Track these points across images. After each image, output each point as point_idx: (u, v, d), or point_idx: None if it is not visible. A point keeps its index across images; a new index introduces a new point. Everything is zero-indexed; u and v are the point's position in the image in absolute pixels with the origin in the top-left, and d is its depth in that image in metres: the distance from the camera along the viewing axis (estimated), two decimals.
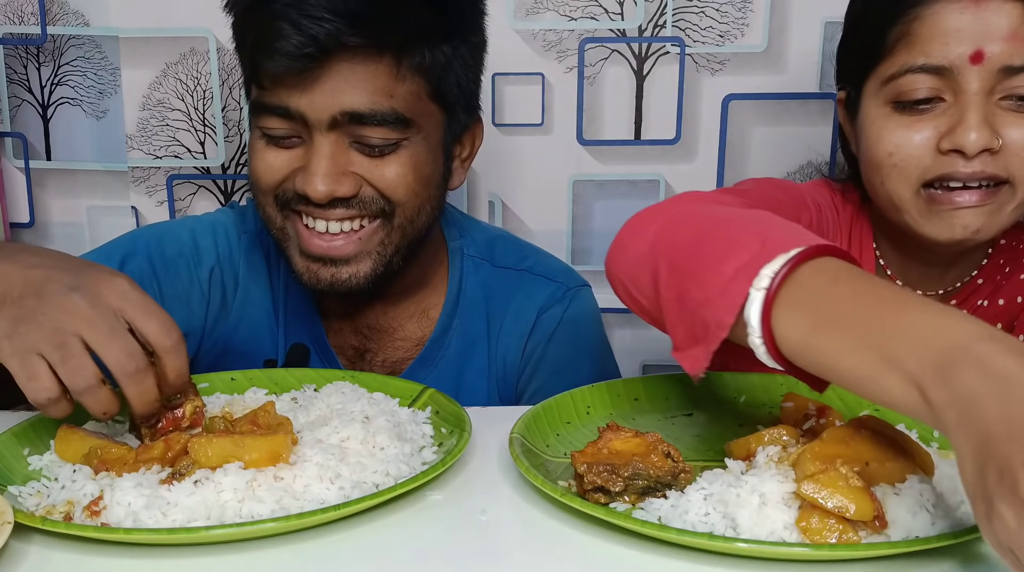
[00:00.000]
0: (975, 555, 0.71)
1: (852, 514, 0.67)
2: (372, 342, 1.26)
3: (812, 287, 0.69)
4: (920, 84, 0.97)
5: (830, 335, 0.67)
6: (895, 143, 0.99)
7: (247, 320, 1.25)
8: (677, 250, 0.79)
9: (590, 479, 0.76)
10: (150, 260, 1.20)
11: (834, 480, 0.69)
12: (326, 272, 1.12)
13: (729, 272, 0.71)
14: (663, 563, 0.70)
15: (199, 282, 1.23)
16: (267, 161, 1.10)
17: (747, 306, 0.70)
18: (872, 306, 0.67)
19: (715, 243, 0.75)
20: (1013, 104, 0.96)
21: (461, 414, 0.91)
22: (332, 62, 1.03)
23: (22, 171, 1.67)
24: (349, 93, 1.04)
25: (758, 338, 0.70)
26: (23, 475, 0.84)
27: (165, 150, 1.64)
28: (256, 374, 1.05)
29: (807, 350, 0.68)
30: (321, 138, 1.06)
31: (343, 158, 1.08)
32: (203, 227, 1.26)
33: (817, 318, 0.68)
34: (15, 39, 1.61)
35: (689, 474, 0.78)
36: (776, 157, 1.61)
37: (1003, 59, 0.94)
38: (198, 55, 1.60)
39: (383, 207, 1.10)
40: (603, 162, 1.63)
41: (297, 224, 1.12)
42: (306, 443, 0.82)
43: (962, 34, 0.94)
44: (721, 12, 1.56)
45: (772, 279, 0.69)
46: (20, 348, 0.79)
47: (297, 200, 1.10)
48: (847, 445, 0.73)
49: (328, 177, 1.06)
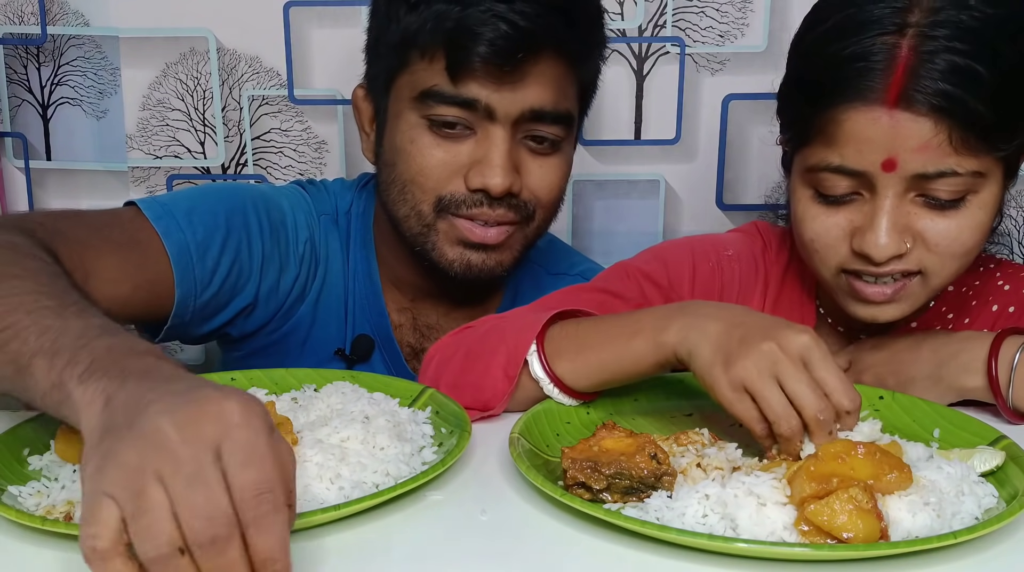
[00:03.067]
0: (975, 555, 0.71)
1: (860, 539, 0.67)
2: (428, 341, 1.27)
3: (562, 335, 0.96)
4: (837, 182, 0.98)
5: (591, 348, 0.93)
6: (815, 231, 1.02)
7: (322, 305, 1.26)
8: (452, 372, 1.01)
9: (572, 475, 0.77)
10: (258, 218, 1.17)
11: (844, 504, 0.68)
12: (478, 257, 1.15)
13: (497, 370, 0.96)
14: (663, 563, 0.70)
15: (295, 255, 1.22)
16: (437, 157, 1.11)
17: (531, 369, 0.95)
18: (610, 322, 0.95)
19: (479, 356, 0.98)
20: (928, 202, 0.97)
21: (461, 414, 0.91)
22: (534, 59, 1.05)
23: (22, 171, 1.67)
24: (539, 91, 1.08)
25: (550, 385, 0.95)
26: (23, 475, 0.84)
27: (165, 150, 1.64)
28: (256, 374, 1.05)
29: (579, 369, 0.94)
30: (502, 132, 1.09)
31: (516, 153, 1.11)
32: (293, 200, 1.23)
33: (575, 349, 0.94)
34: (15, 39, 1.61)
35: (673, 477, 0.78)
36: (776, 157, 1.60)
37: (916, 168, 0.94)
38: (198, 55, 1.60)
39: (530, 212, 1.15)
40: (603, 162, 1.63)
41: (455, 219, 1.14)
42: (306, 443, 0.82)
43: (874, 143, 0.94)
44: (721, 12, 1.56)
45: (536, 344, 0.95)
46: (95, 487, 0.59)
47: (468, 203, 1.11)
48: (843, 462, 0.72)
49: (508, 171, 1.09)
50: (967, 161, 0.93)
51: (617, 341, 0.92)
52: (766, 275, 1.18)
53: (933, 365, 1.00)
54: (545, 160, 1.14)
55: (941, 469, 0.76)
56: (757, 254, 1.19)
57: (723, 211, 1.63)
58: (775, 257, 1.19)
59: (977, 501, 0.74)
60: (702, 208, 1.64)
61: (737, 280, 1.17)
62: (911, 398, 0.96)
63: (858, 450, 0.73)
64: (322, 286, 1.25)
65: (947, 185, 0.95)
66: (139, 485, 0.57)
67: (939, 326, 1.14)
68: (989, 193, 0.97)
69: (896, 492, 0.72)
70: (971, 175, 0.94)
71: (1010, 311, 1.12)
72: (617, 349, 0.92)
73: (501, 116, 1.08)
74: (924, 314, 1.14)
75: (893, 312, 1.03)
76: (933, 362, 1.00)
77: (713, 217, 1.63)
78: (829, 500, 0.68)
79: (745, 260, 1.18)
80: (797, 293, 1.17)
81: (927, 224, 0.97)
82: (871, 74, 0.93)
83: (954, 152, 0.93)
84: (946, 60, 0.90)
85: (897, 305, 1.02)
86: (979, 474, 0.79)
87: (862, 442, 0.75)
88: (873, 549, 0.67)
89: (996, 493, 0.77)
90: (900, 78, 0.91)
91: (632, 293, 1.12)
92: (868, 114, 0.94)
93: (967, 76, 0.90)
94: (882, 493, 0.72)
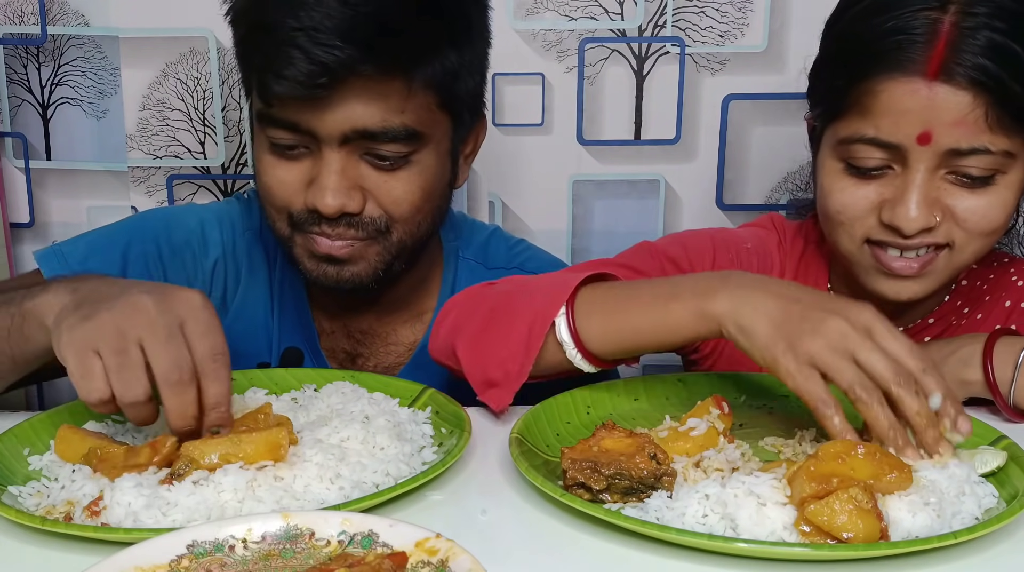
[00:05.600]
0: (975, 555, 0.71)
1: (861, 539, 0.67)
2: (364, 347, 1.26)
3: (593, 298, 0.93)
4: (870, 154, 0.99)
5: (624, 312, 0.91)
6: (843, 202, 1.02)
7: (244, 319, 1.25)
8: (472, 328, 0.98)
9: (572, 475, 0.77)
10: (157, 244, 1.19)
11: (844, 504, 0.68)
12: (332, 270, 1.12)
13: (523, 328, 0.93)
14: (663, 563, 0.70)
15: (203, 272, 1.22)
16: (278, 177, 1.09)
17: (557, 331, 0.92)
18: (645, 286, 0.94)
19: (504, 313, 0.96)
20: (958, 179, 0.97)
21: (461, 414, 0.91)
22: (342, 85, 1.02)
23: (22, 171, 1.66)
24: (360, 112, 1.04)
25: (573, 350, 0.92)
26: (23, 475, 0.84)
27: (165, 150, 1.64)
28: (256, 374, 1.05)
29: (610, 333, 0.92)
30: (332, 153, 1.06)
31: (353, 172, 1.07)
32: (211, 217, 1.25)
33: (607, 310, 0.92)
34: (15, 39, 1.61)
35: (673, 477, 0.78)
36: (776, 157, 1.61)
37: (950, 142, 0.95)
38: (198, 55, 1.60)
39: (380, 228, 1.10)
40: (603, 162, 1.63)
41: (307, 234, 1.11)
42: (306, 443, 0.82)
43: (911, 115, 0.95)
44: (721, 12, 1.56)
45: (566, 306, 0.92)
46: (80, 344, 0.79)
47: (310, 221, 1.09)
48: (843, 462, 0.72)
49: (339, 192, 1.06)
50: (1000, 139, 0.94)
51: (653, 306, 0.89)
52: (781, 266, 1.18)
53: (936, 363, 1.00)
54: (391, 175, 1.08)
55: (941, 469, 0.76)
56: (773, 248, 1.19)
57: (723, 211, 1.63)
58: (789, 249, 1.20)
59: (977, 501, 0.74)
60: (702, 208, 1.64)
61: (755, 272, 1.16)
62: None
63: (858, 450, 0.73)
64: (244, 300, 1.25)
65: (979, 162, 0.95)
66: (120, 345, 0.78)
67: (954, 319, 1.14)
68: (1016, 175, 0.98)
69: (896, 492, 0.72)
70: (1002, 155, 0.95)
71: (1022, 307, 1.12)
72: (653, 315, 0.89)
73: (325, 138, 1.05)
74: (940, 308, 1.14)
75: (916, 288, 1.02)
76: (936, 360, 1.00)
77: (713, 217, 1.63)
78: (829, 500, 0.68)
79: (761, 254, 1.18)
80: (811, 283, 1.17)
81: (956, 201, 0.98)
82: (912, 46, 0.94)
83: (988, 130, 0.94)
84: (986, 37, 0.92)
85: (921, 281, 1.02)
86: (980, 475, 0.79)
87: (862, 442, 0.75)
88: (873, 549, 0.67)
89: (996, 493, 0.77)
90: (941, 50, 0.92)
91: (653, 272, 1.11)
92: (907, 85, 0.94)
93: (1006, 54, 0.91)
94: (882, 493, 0.72)
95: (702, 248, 1.15)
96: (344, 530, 0.62)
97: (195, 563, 0.61)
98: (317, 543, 0.63)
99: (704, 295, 0.86)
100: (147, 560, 0.60)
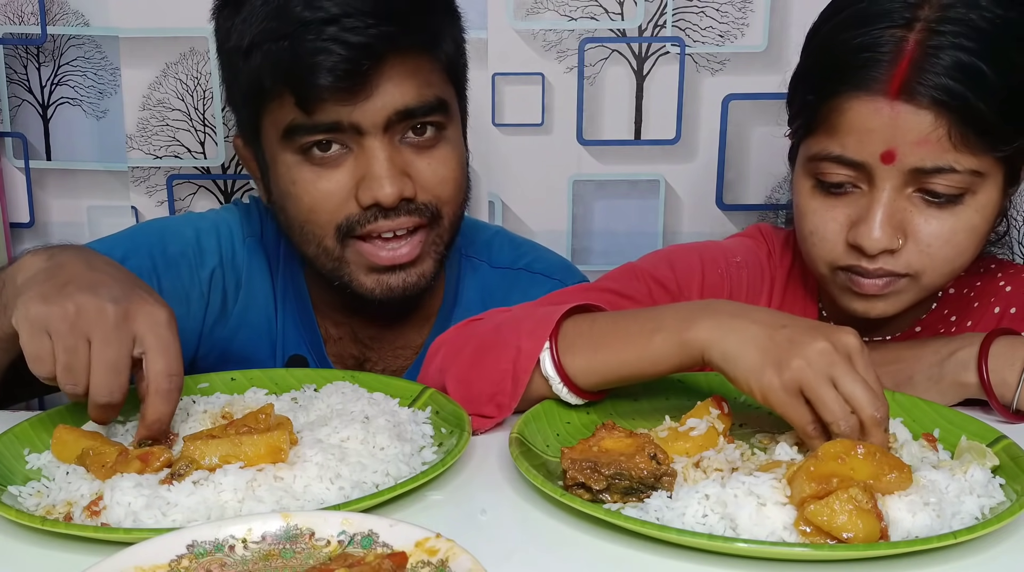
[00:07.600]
0: (975, 555, 0.71)
1: (860, 539, 0.67)
2: (372, 351, 1.26)
3: (577, 332, 0.93)
4: (837, 171, 0.99)
5: (607, 346, 0.91)
6: (814, 224, 1.03)
7: (247, 326, 1.25)
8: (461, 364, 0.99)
9: (572, 475, 0.77)
10: (151, 257, 1.19)
11: (844, 504, 0.68)
12: (396, 279, 1.12)
13: (508, 366, 0.93)
14: (663, 563, 0.70)
15: (199, 283, 1.22)
16: (321, 190, 1.08)
17: (542, 366, 0.92)
18: (627, 319, 0.94)
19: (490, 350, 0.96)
20: (925, 199, 0.97)
21: (461, 414, 0.91)
22: (380, 67, 1.03)
23: (22, 171, 1.67)
24: (398, 93, 1.06)
25: (560, 384, 0.93)
26: (23, 475, 0.84)
27: (165, 150, 1.64)
28: (256, 374, 1.05)
29: (595, 367, 0.92)
30: (376, 142, 1.07)
31: (399, 158, 1.09)
32: (207, 226, 1.25)
33: (591, 345, 0.92)
34: (15, 39, 1.61)
35: (673, 477, 0.78)
36: (776, 157, 1.61)
37: (914, 161, 0.95)
38: (198, 55, 1.60)
39: (433, 212, 1.12)
40: (603, 162, 1.62)
41: (360, 246, 1.11)
42: (306, 443, 0.82)
43: (875, 134, 0.95)
44: (721, 12, 1.56)
45: (550, 341, 0.92)
46: (34, 321, 0.82)
47: (365, 220, 1.09)
48: (843, 462, 0.72)
49: (394, 178, 1.07)
50: (966, 158, 0.94)
51: (636, 339, 0.90)
52: (772, 279, 1.19)
53: (934, 364, 1.00)
54: (432, 154, 1.10)
55: (942, 470, 0.76)
56: (763, 260, 1.19)
57: (723, 211, 1.63)
58: (779, 261, 1.20)
59: (977, 501, 0.74)
60: (702, 208, 1.64)
61: (745, 286, 1.17)
62: (911, 398, 0.96)
63: (858, 450, 0.73)
64: (246, 307, 1.24)
65: (945, 181, 0.95)
66: (72, 343, 0.81)
67: (942, 328, 1.14)
68: (987, 196, 0.98)
69: (896, 492, 0.72)
70: (969, 174, 0.95)
71: (1012, 312, 1.12)
72: (636, 348, 0.90)
73: (369, 128, 1.06)
74: (927, 317, 1.14)
75: (884, 308, 1.03)
76: (934, 361, 1.01)
77: (713, 217, 1.63)
78: (829, 500, 0.68)
79: (752, 267, 1.18)
80: (800, 295, 1.18)
81: (921, 223, 0.98)
82: (876, 65, 0.94)
83: (953, 148, 0.93)
84: (951, 56, 0.91)
85: (887, 301, 1.03)
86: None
87: (861, 442, 0.75)
88: (873, 549, 0.67)
89: (996, 493, 0.77)
90: (904, 70, 0.92)
91: (640, 295, 1.11)
92: (870, 104, 0.95)
93: (971, 73, 0.91)
94: (882, 493, 0.72)
95: (690, 267, 1.15)
96: (344, 530, 0.63)
97: (195, 563, 0.61)
98: (317, 543, 0.63)
99: (685, 326, 0.87)
100: (147, 560, 0.60)
